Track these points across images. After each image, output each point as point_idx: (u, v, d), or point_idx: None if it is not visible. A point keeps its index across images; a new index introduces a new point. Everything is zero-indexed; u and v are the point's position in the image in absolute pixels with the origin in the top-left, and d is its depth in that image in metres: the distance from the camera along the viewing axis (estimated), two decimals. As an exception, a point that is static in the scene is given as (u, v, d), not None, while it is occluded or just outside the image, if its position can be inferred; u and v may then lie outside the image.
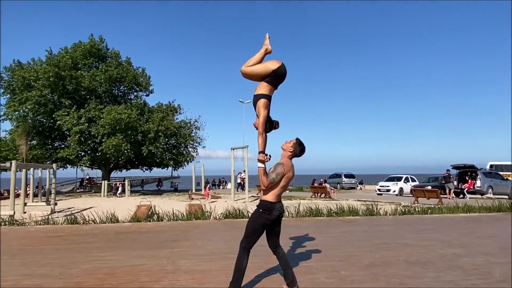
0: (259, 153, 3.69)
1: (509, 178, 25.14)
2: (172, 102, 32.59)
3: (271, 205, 3.60)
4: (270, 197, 3.61)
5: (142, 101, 31.25)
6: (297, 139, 3.82)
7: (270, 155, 3.73)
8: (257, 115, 3.90)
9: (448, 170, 22.69)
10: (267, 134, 3.92)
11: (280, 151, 3.86)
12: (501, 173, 25.97)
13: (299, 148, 3.79)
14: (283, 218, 3.81)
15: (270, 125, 3.94)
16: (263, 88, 3.90)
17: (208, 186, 23.28)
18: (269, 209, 3.59)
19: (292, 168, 3.71)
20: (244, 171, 26.87)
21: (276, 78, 3.91)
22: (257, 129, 3.83)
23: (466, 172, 23.02)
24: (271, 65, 3.92)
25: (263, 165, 3.64)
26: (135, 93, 32.09)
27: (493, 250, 5.97)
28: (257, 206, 3.70)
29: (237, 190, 29.25)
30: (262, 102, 3.82)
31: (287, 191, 24.58)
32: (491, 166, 32.50)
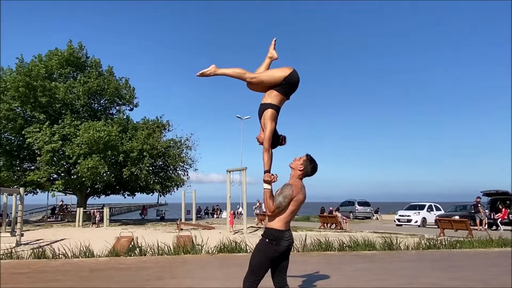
0: (264, 173, 3.58)
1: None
2: (160, 117, 32.64)
3: (278, 234, 3.46)
4: (277, 224, 3.48)
5: (125, 116, 31.29)
6: (308, 156, 3.71)
7: (276, 175, 3.62)
8: (262, 127, 3.80)
9: (478, 198, 22.52)
10: (273, 150, 3.82)
11: (289, 170, 3.76)
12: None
13: (310, 166, 3.68)
14: (284, 249, 3.62)
15: (275, 140, 3.83)
16: (272, 97, 3.81)
17: (232, 215, 22.17)
18: (277, 238, 3.46)
19: (302, 190, 3.59)
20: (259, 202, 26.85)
21: (288, 86, 3.83)
22: (261, 144, 3.73)
23: (499, 199, 22.83)
24: (279, 72, 3.84)
25: (269, 187, 3.52)
26: (117, 107, 32.24)
27: (537, 292, 5.79)
28: (262, 235, 3.56)
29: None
30: (269, 112, 3.73)
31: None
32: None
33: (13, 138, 28.55)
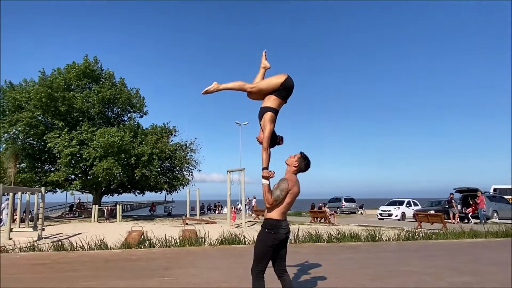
0: (263, 169, 3.60)
1: (515, 202, 24.97)
2: (167, 124, 32.57)
3: (276, 223, 3.48)
4: (275, 214, 3.50)
5: (135, 123, 31.22)
6: (302, 153, 3.73)
7: (274, 172, 3.62)
8: (261, 128, 3.81)
9: (451, 194, 22.55)
10: (271, 149, 3.83)
11: (284, 166, 3.76)
12: (505, 197, 25.84)
13: (304, 163, 3.70)
14: (284, 237, 3.62)
15: (273, 140, 3.85)
16: (271, 101, 3.84)
17: (234, 210, 21.87)
18: (275, 227, 3.48)
19: (297, 184, 3.61)
20: (254, 197, 26.75)
21: (285, 91, 3.88)
22: (260, 143, 3.75)
23: (470, 195, 22.87)
24: (275, 79, 3.88)
25: (267, 182, 3.53)
26: (128, 115, 32.13)
27: (505, 279, 5.78)
28: (262, 226, 3.57)
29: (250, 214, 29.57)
30: (268, 115, 3.76)
31: None
32: (495, 189, 32.41)
33: (35, 143, 28.41)
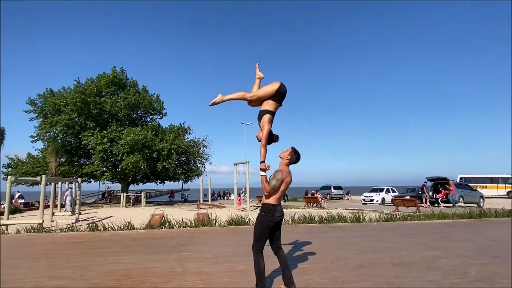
0: (260, 163, 3.62)
1: (477, 189, 24.94)
2: (183, 123, 32.63)
3: (273, 207, 3.53)
4: (271, 200, 3.54)
5: (156, 123, 31.27)
6: (293, 148, 3.77)
7: (269, 165, 3.66)
8: (260, 128, 3.84)
9: (425, 182, 22.53)
10: (268, 146, 3.87)
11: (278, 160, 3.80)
12: (470, 184, 25.80)
13: (295, 156, 3.74)
14: (279, 218, 3.67)
15: (270, 138, 3.90)
16: (269, 105, 3.89)
17: (240, 197, 21.77)
18: (272, 210, 3.52)
19: (289, 174, 3.66)
20: (245, 187, 26.52)
21: (280, 96, 3.92)
22: (259, 141, 3.78)
23: (440, 183, 22.83)
24: (271, 87, 3.91)
25: (264, 173, 3.56)
26: (150, 117, 32.17)
27: (468, 252, 5.80)
28: (260, 210, 3.60)
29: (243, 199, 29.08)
30: (267, 117, 3.81)
31: (283, 202, 24.11)
32: (461, 178, 32.38)
33: (72, 140, 28.52)
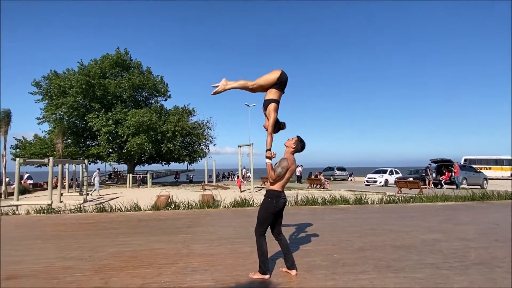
0: (266, 151, 3.64)
1: (481, 171, 24.87)
2: (187, 105, 32.52)
3: (278, 193, 3.58)
4: (276, 187, 3.59)
5: (160, 105, 31.20)
6: (298, 137, 3.78)
7: (275, 153, 3.68)
8: (266, 117, 3.84)
9: (429, 164, 22.50)
10: (275, 134, 3.88)
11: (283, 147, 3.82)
12: (474, 166, 25.71)
13: (300, 145, 3.76)
14: (283, 204, 3.75)
15: (277, 126, 3.91)
16: (273, 94, 3.86)
17: (240, 178, 21.90)
18: (277, 196, 3.58)
19: (294, 162, 3.72)
20: (244, 168, 26.70)
21: (282, 84, 3.90)
22: (266, 130, 3.78)
23: (443, 165, 22.79)
24: (272, 75, 3.87)
25: (270, 161, 3.60)
26: (154, 98, 32.07)
27: (469, 236, 5.86)
28: (265, 196, 3.65)
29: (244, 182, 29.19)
30: (272, 106, 3.79)
31: (299, 183, 24.14)
32: (465, 160, 32.28)
33: (78, 122, 28.64)
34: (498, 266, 4.07)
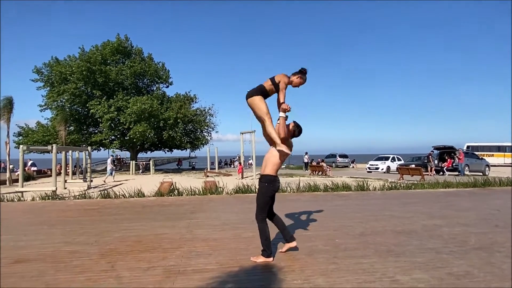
0: (282, 103, 3.59)
1: (484, 158, 24.84)
2: (189, 92, 32.44)
3: (273, 178, 3.66)
4: (271, 171, 3.65)
5: (162, 92, 31.13)
6: (295, 122, 3.83)
7: (290, 106, 3.58)
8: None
9: (431, 151, 22.50)
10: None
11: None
12: (476, 153, 25.68)
13: (297, 130, 3.81)
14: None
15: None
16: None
17: (241, 165, 21.94)
18: (273, 181, 3.65)
19: (291, 148, 3.78)
20: (238, 156, 26.87)
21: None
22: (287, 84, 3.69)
23: (446, 152, 22.77)
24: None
25: (284, 115, 3.60)
26: (156, 85, 31.99)
27: (469, 221, 5.91)
28: (260, 181, 3.70)
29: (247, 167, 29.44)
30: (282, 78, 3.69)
31: (285, 168, 24.17)
32: (468, 147, 32.23)
33: (80, 109, 28.72)
34: (498, 251, 4.12)
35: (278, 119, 3.68)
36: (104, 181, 18.50)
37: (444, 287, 2.98)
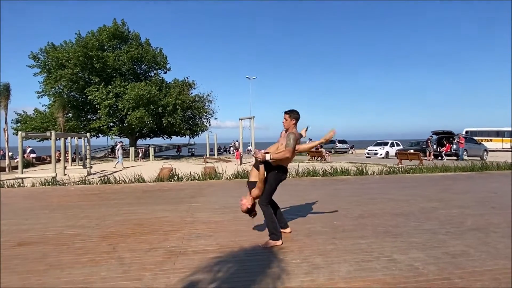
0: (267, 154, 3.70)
1: (482, 143, 24.92)
2: (187, 78, 32.16)
3: (286, 169, 3.85)
4: (284, 163, 3.79)
5: (160, 78, 30.85)
6: (287, 112, 3.88)
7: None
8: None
9: (430, 136, 22.53)
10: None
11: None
12: (475, 138, 25.74)
13: (294, 115, 3.86)
14: (286, 178, 3.94)
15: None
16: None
17: (239, 151, 21.83)
18: (286, 171, 3.84)
19: (299, 135, 3.93)
20: (237, 141, 26.89)
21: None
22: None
23: (444, 137, 22.80)
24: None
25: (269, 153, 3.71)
26: (154, 71, 31.67)
27: (466, 204, 5.99)
28: (272, 169, 3.74)
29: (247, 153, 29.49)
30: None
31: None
32: (467, 132, 32.27)
33: (77, 96, 28.52)
34: (494, 231, 4.19)
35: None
36: (115, 167, 18.62)
37: (440, 265, 3.05)
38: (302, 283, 2.68)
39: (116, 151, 20.29)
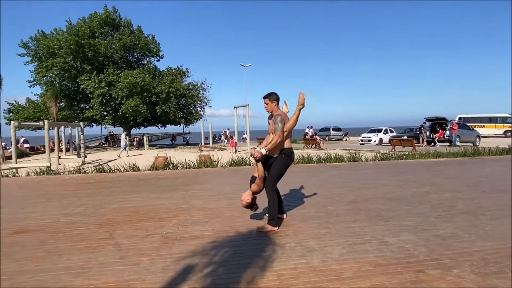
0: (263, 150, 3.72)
1: (475, 129, 25.17)
2: (180, 66, 31.79)
3: (291, 150, 3.89)
4: (287, 144, 3.85)
5: (153, 66, 30.45)
6: (265, 97, 3.91)
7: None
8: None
9: (424, 123, 22.69)
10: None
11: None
12: (468, 124, 25.98)
13: (274, 97, 3.89)
14: (294, 159, 4.04)
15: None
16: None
17: (234, 139, 22.09)
18: (291, 153, 3.89)
19: (286, 115, 3.88)
20: (228, 129, 26.91)
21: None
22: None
23: (438, 123, 22.97)
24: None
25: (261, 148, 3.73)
26: (147, 59, 31.23)
27: (458, 188, 6.10)
28: (281, 154, 3.81)
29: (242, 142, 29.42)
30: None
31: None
32: (460, 118, 32.55)
33: (70, 85, 28.08)
34: (483, 214, 4.29)
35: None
36: (119, 156, 18.52)
37: (430, 247, 3.13)
38: (297, 265, 2.75)
39: (122, 141, 20.26)
